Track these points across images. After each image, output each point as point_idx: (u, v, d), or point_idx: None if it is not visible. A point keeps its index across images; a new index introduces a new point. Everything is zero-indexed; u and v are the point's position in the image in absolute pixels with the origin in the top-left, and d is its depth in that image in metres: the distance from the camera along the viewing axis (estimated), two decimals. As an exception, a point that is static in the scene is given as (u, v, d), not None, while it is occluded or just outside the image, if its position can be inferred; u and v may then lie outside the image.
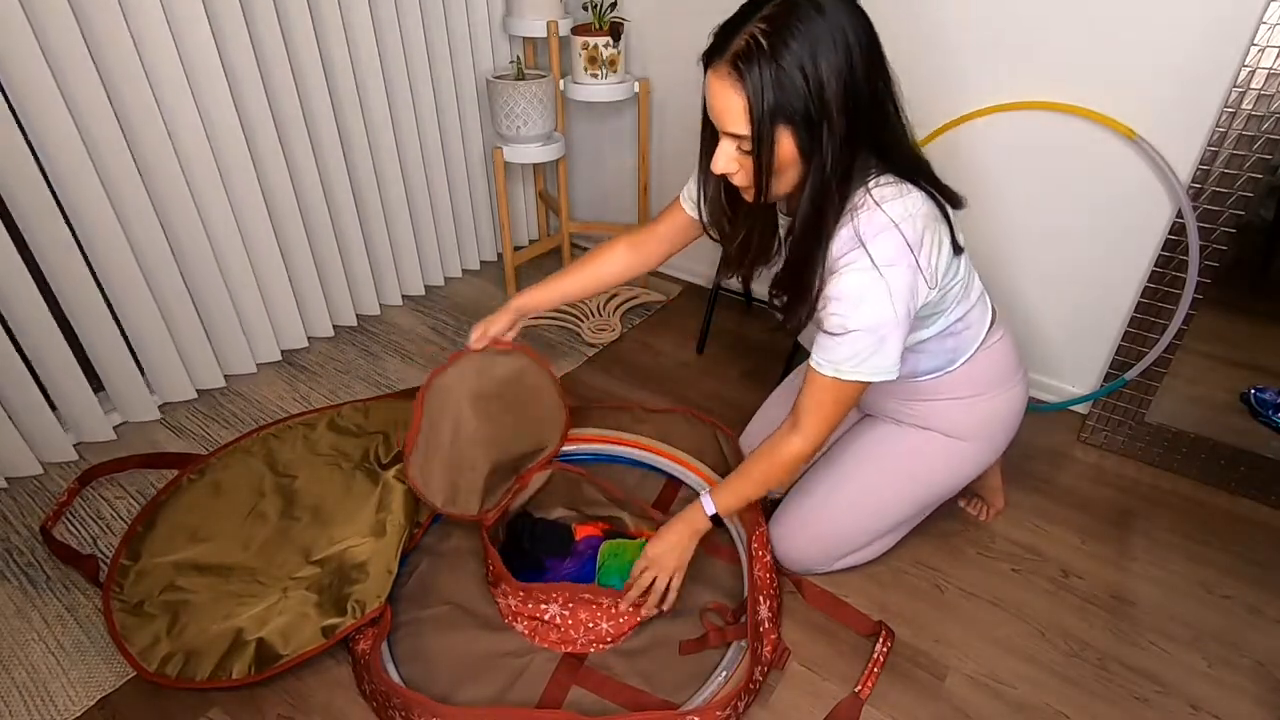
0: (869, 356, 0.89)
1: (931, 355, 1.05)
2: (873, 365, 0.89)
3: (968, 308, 1.03)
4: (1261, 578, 1.26)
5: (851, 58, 0.76)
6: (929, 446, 1.13)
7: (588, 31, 1.78)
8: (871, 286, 0.84)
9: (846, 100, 0.77)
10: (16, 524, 1.32)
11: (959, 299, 1.00)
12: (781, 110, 0.77)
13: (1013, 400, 1.13)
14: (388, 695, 0.96)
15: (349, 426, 1.50)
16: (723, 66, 0.78)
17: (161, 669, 1.04)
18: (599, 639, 1.10)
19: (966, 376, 1.08)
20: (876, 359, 0.89)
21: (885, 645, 1.10)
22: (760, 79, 0.75)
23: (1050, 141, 1.45)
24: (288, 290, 1.73)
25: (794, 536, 1.19)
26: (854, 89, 0.77)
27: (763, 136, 0.79)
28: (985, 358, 1.08)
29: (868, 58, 0.78)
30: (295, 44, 1.56)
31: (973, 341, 1.07)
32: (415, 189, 1.93)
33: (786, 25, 0.74)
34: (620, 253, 1.20)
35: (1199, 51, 1.25)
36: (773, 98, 0.76)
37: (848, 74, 0.76)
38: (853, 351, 0.89)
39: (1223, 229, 1.29)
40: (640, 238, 1.19)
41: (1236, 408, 1.50)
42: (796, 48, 0.74)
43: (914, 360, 1.06)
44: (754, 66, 0.75)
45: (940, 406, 1.10)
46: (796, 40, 0.74)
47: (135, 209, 1.42)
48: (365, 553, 1.18)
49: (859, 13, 0.78)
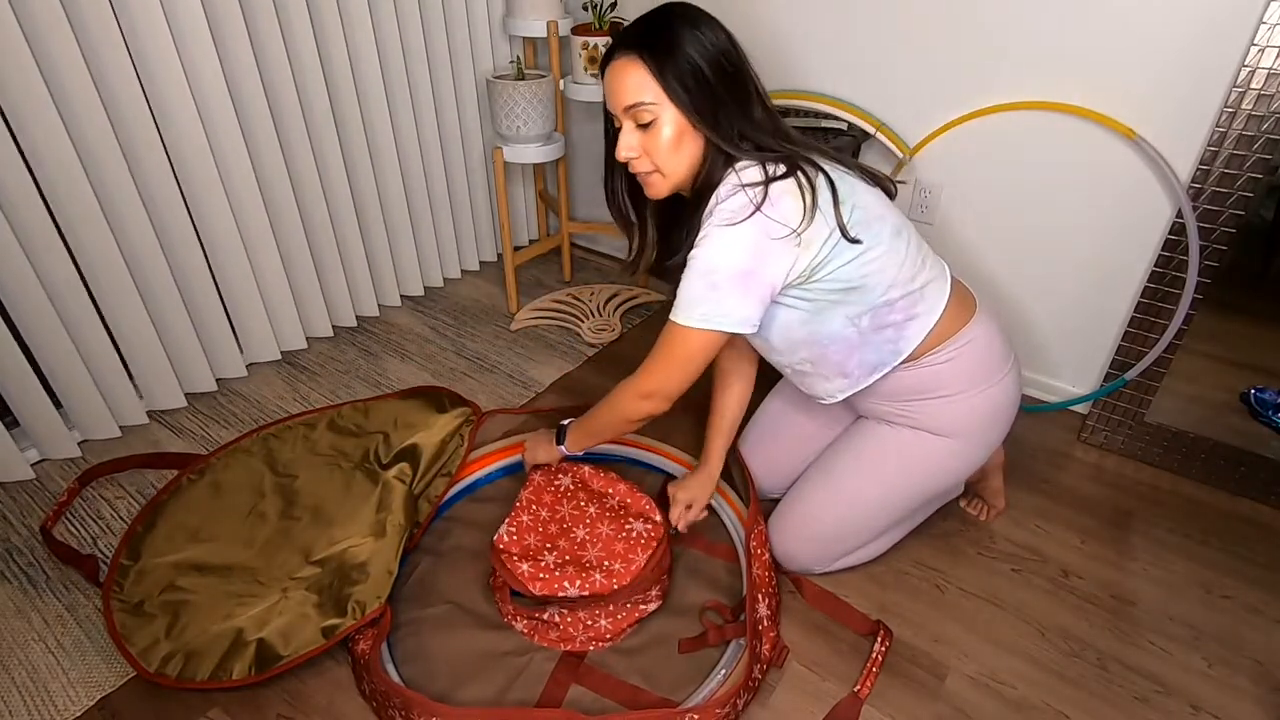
0: (699, 301, 0.94)
1: (873, 346, 1.04)
2: (704, 313, 0.94)
3: (909, 290, 1.01)
4: (1261, 578, 1.26)
5: (720, 47, 0.92)
6: (920, 445, 1.12)
7: (588, 31, 1.78)
8: (713, 237, 0.92)
9: (725, 77, 0.92)
10: (16, 524, 1.32)
11: (890, 279, 0.99)
12: (676, 73, 0.90)
13: (1002, 394, 1.11)
14: (387, 695, 0.96)
15: (349, 426, 1.50)
16: (619, 52, 0.93)
17: (162, 669, 1.04)
18: (598, 636, 1.10)
19: (954, 372, 1.07)
20: (708, 308, 0.94)
21: (884, 645, 1.10)
22: (651, 50, 0.91)
23: (1050, 141, 1.45)
24: (287, 291, 1.73)
25: (792, 536, 1.19)
26: (728, 69, 0.92)
27: (669, 90, 0.91)
28: (970, 352, 1.06)
29: (734, 49, 0.94)
30: (295, 44, 1.56)
31: (919, 332, 1.03)
32: (415, 189, 1.93)
33: (665, 15, 0.93)
34: (733, 384, 1.29)
35: (1199, 52, 1.25)
36: (665, 62, 0.90)
37: (722, 56, 0.92)
38: (688, 297, 0.95)
39: (1223, 229, 1.29)
40: (730, 363, 1.28)
41: (1236, 408, 1.51)
42: (678, 26, 0.91)
43: (858, 353, 1.04)
44: (645, 41, 0.91)
45: (926, 405, 1.09)
46: (676, 21, 0.92)
47: (131, 211, 1.42)
48: (365, 553, 1.18)
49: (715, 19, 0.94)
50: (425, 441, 1.41)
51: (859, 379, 1.08)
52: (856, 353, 1.05)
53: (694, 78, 0.90)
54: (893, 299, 1.01)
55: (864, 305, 1.00)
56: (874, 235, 0.97)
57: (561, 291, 2.12)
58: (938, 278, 1.06)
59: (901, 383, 1.08)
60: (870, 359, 1.05)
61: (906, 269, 1.01)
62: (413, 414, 1.50)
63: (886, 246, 0.98)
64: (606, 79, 0.96)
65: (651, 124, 0.94)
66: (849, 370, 1.07)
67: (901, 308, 1.02)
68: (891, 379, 1.07)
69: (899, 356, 1.05)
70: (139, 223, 1.43)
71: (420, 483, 1.34)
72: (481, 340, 1.90)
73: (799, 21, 1.64)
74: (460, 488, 1.38)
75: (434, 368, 1.79)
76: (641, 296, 2.09)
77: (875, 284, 0.99)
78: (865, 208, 0.97)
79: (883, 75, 1.58)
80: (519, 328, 1.96)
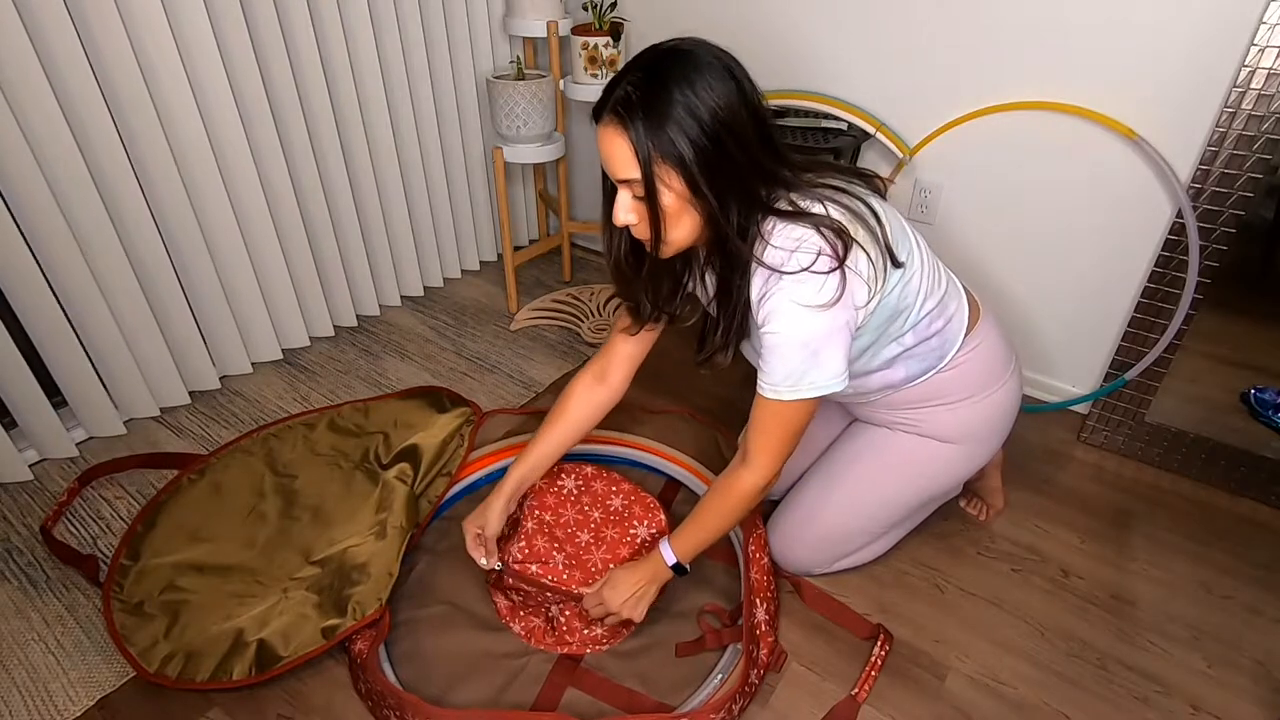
0: (806, 372, 0.87)
1: (919, 357, 1.04)
2: (811, 381, 0.88)
3: (939, 296, 1.01)
4: (1261, 578, 1.26)
5: (729, 91, 0.79)
6: (923, 450, 1.12)
7: (588, 31, 1.78)
8: (791, 304, 0.84)
9: (732, 129, 0.80)
10: (16, 524, 1.32)
11: (924, 291, 0.99)
12: (666, 150, 0.79)
13: (1005, 398, 1.11)
14: (382, 695, 0.96)
15: (349, 426, 1.50)
16: (608, 117, 0.82)
17: (162, 669, 1.04)
18: (594, 639, 1.10)
19: (958, 379, 1.07)
20: (814, 374, 0.87)
21: (883, 649, 1.10)
22: (642, 121, 0.79)
23: (1050, 141, 1.45)
24: (288, 291, 1.73)
25: (791, 538, 1.19)
26: (735, 118, 0.80)
27: (649, 177, 0.81)
28: (975, 357, 1.07)
29: (745, 87, 0.81)
30: (295, 44, 1.56)
31: (957, 334, 1.05)
32: (415, 189, 1.93)
33: (660, 70, 0.79)
34: (584, 392, 1.15)
35: (1199, 52, 1.25)
36: (655, 138, 0.79)
37: (728, 104, 0.79)
38: (786, 371, 0.88)
39: (1223, 229, 1.29)
40: (598, 368, 1.15)
41: (1236, 408, 1.50)
42: (673, 88, 0.78)
43: (904, 367, 1.05)
44: (634, 111, 0.79)
45: (931, 412, 1.10)
46: (672, 81, 0.78)
47: (133, 211, 1.42)
48: (365, 553, 1.18)
49: (726, 53, 0.82)
50: (425, 441, 1.41)
51: (898, 386, 1.08)
52: (902, 367, 1.05)
53: (691, 150, 0.79)
54: (929, 309, 1.01)
55: (909, 324, 1.00)
56: (907, 253, 0.94)
57: (561, 291, 2.12)
58: (948, 278, 1.06)
59: (908, 394, 1.08)
60: (915, 369, 1.06)
61: (928, 277, 0.99)
62: (413, 414, 1.50)
63: (918, 260, 0.97)
64: (598, 137, 0.85)
65: (646, 195, 0.84)
66: (893, 381, 1.07)
67: (936, 314, 1.02)
68: (903, 389, 1.08)
69: (943, 360, 1.05)
70: (146, 227, 1.44)
71: (421, 483, 1.34)
72: (481, 340, 1.90)
73: (799, 21, 1.64)
74: (460, 487, 1.38)
75: (434, 368, 1.79)
76: (641, 296, 2.09)
77: (914, 301, 0.98)
78: (894, 224, 0.93)
79: (883, 75, 1.58)
80: (519, 328, 1.96)
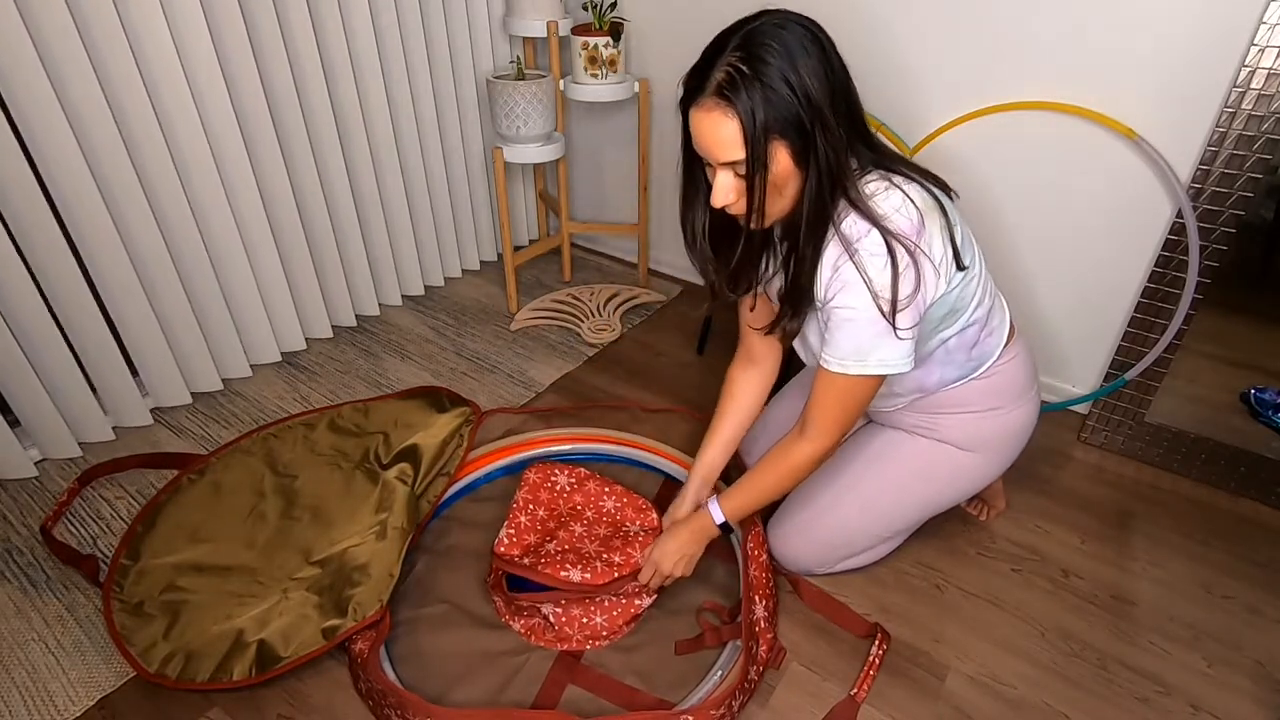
0: (874, 349, 0.88)
1: (957, 364, 1.04)
2: (880, 358, 0.88)
3: (988, 307, 1.02)
4: (1261, 578, 1.26)
5: (825, 59, 0.80)
6: (939, 457, 1.12)
7: (588, 31, 1.78)
8: (865, 280, 0.85)
9: (831, 100, 0.81)
10: (16, 524, 1.32)
11: (978, 298, 0.99)
12: (774, 124, 0.79)
13: (1026, 414, 1.12)
14: (383, 694, 0.96)
15: (349, 426, 1.50)
16: (708, 100, 0.81)
17: (162, 670, 1.04)
18: (594, 634, 1.10)
19: (987, 389, 1.07)
20: (882, 351, 0.88)
21: (881, 648, 1.10)
22: (749, 99, 0.78)
23: (1050, 141, 1.44)
24: (287, 291, 1.73)
25: (795, 538, 1.19)
26: (833, 88, 0.81)
27: (759, 155, 0.81)
28: (1006, 370, 1.07)
29: (835, 58, 0.82)
30: (295, 44, 1.56)
31: (995, 348, 1.06)
32: (415, 189, 1.93)
33: (759, 46, 0.78)
34: (741, 377, 1.19)
35: (1199, 52, 1.25)
36: (764, 114, 0.79)
37: (826, 75, 0.80)
38: (854, 345, 0.88)
39: (1223, 229, 1.29)
40: (744, 354, 1.19)
41: (1236, 408, 1.50)
42: (774, 62, 0.78)
43: (940, 371, 1.05)
44: (739, 90, 0.78)
45: (956, 419, 1.10)
46: (772, 56, 0.78)
47: (133, 211, 1.42)
48: (366, 554, 1.18)
49: (812, 21, 0.82)
50: (425, 441, 1.41)
51: (930, 391, 1.08)
52: (939, 370, 1.05)
53: (798, 125, 0.80)
54: (980, 317, 1.01)
55: (958, 327, 1.00)
56: (970, 257, 0.94)
57: (561, 291, 2.12)
58: (997, 293, 1.06)
59: (938, 399, 1.08)
60: (950, 375, 1.06)
61: (983, 286, 1.00)
62: (412, 414, 1.50)
63: (978, 267, 0.97)
64: (693, 120, 0.83)
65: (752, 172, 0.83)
66: (927, 385, 1.07)
67: (982, 322, 1.02)
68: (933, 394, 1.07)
69: (978, 370, 1.05)
70: (144, 222, 1.44)
71: (422, 483, 1.34)
72: (481, 340, 1.90)
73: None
74: (459, 487, 1.38)
75: (434, 368, 1.79)
76: (642, 296, 2.09)
77: (968, 304, 0.98)
78: (960, 226, 0.93)
79: (883, 75, 1.58)
80: (519, 327, 1.96)
